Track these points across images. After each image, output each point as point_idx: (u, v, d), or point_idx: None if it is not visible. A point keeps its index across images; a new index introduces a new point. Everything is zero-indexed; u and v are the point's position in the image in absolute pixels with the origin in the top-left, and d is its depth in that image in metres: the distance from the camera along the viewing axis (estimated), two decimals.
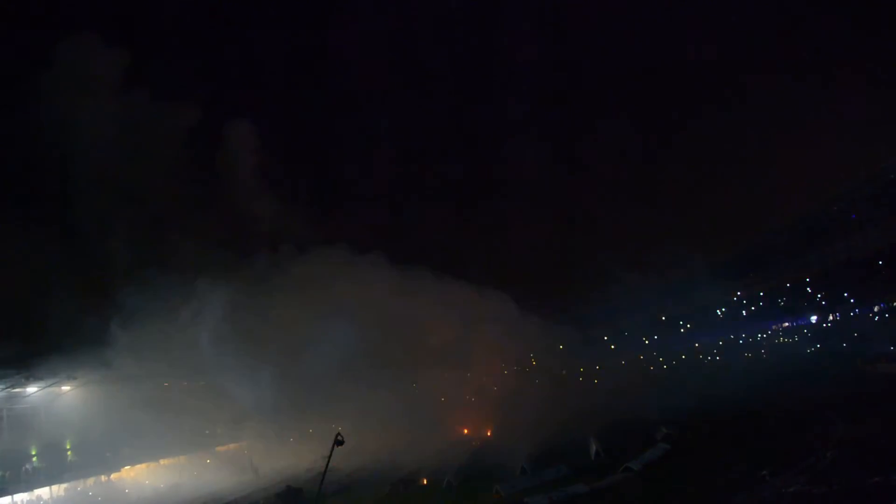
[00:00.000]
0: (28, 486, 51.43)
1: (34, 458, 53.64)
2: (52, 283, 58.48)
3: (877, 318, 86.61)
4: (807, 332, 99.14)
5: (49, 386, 52.89)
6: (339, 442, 28.00)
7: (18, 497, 50.79)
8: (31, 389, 52.59)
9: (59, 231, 63.97)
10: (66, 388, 54.75)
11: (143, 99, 66.17)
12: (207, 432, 63.69)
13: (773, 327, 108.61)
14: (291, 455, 61.57)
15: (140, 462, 61.34)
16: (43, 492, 52.71)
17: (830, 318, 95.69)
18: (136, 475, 61.45)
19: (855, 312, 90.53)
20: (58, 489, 54.07)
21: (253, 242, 64.31)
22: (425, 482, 46.79)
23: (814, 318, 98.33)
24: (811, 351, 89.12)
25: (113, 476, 58.89)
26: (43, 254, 59.45)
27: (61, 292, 55.68)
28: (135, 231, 64.75)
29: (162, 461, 63.53)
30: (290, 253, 60.22)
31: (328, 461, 28.99)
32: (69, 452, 56.61)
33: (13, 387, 51.30)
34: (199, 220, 68.21)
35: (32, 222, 62.90)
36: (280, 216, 69.99)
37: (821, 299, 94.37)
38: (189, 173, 72.57)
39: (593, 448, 45.97)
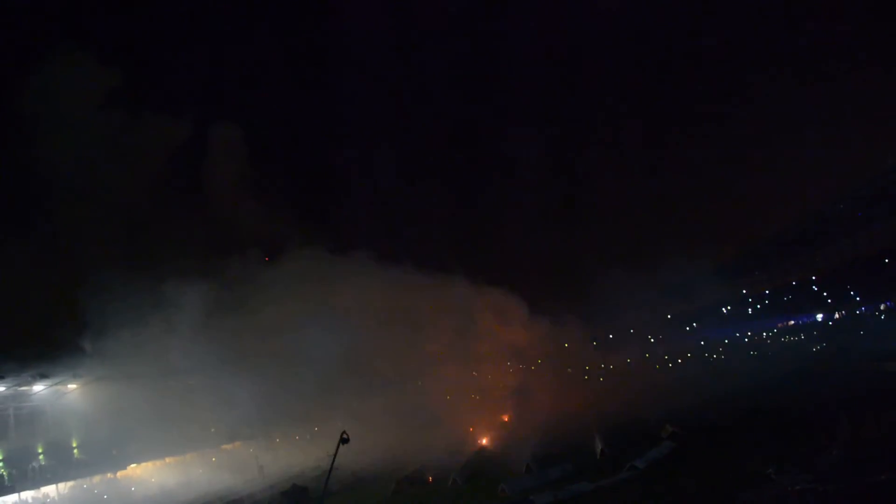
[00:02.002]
0: (35, 484, 51.82)
1: (41, 456, 54.02)
2: (53, 283, 58.85)
3: (883, 317, 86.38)
4: (813, 331, 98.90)
5: (55, 384, 53.11)
6: (344, 440, 28.07)
7: (25, 495, 51.10)
8: (38, 388, 52.83)
9: (59, 232, 64.43)
10: (72, 386, 55.00)
11: (123, 105, 66.46)
12: (213, 430, 63.93)
13: (779, 325, 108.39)
14: (297, 453, 61.76)
15: (146, 460, 61.69)
16: (50, 489, 53.05)
17: (836, 316, 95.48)
18: (142, 473, 61.72)
19: (861, 310, 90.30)
20: (64, 487, 54.39)
21: (245, 245, 64.18)
22: (431, 480, 46.87)
23: (820, 317, 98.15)
24: (817, 349, 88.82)
25: (119, 474, 59.19)
26: (42, 255, 59.85)
27: (61, 293, 56.03)
28: (133, 233, 65.25)
29: (168, 459, 63.78)
30: (290, 255, 60.08)
31: (333, 459, 29.06)
32: (75, 450, 56.94)
33: (20, 385, 51.52)
34: (195, 224, 68.60)
35: (29, 223, 63.54)
36: (277, 219, 70.25)
37: (826, 297, 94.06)
38: (185, 176, 73.13)
39: (598, 447, 45.88)
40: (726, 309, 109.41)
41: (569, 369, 78.97)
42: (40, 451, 54.29)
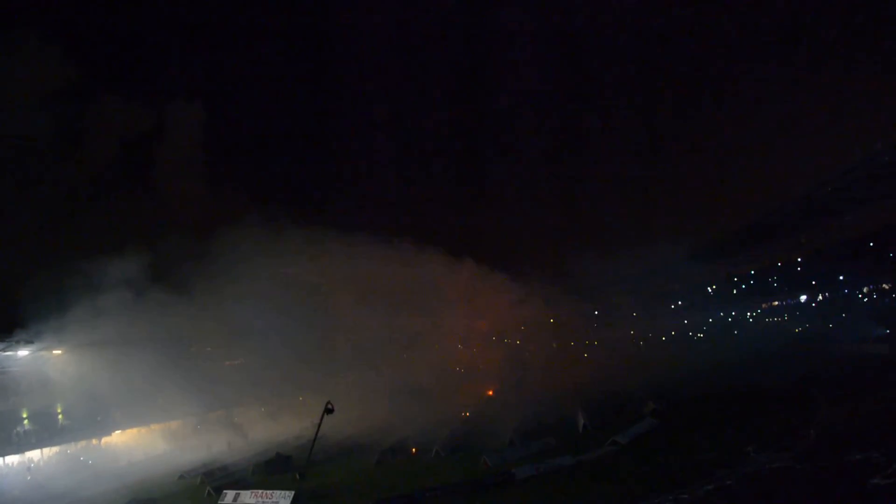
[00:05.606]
0: (19, 449, 51.68)
1: (25, 422, 53.81)
2: (38, 252, 58.49)
3: (865, 299, 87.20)
4: (796, 312, 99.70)
5: (40, 350, 52.71)
6: (329, 410, 28.22)
7: (9, 459, 51.07)
8: (23, 353, 52.39)
9: (49, 203, 63.98)
10: (56, 352, 54.59)
11: (72, 87, 65.32)
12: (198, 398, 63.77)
13: (763, 306, 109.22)
14: (282, 422, 61.93)
15: (131, 426, 61.51)
16: (34, 454, 52.95)
17: (820, 297, 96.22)
18: (127, 440, 61.65)
19: (844, 293, 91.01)
20: (49, 452, 54.34)
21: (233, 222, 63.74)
22: (414, 451, 47.21)
23: (803, 298, 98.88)
24: (799, 330, 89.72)
25: (104, 440, 59.13)
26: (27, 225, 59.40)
27: (46, 262, 55.66)
28: (126, 208, 64.91)
29: (152, 426, 63.72)
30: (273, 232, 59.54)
31: (318, 429, 29.22)
32: (60, 416, 56.77)
33: (4, 350, 51.12)
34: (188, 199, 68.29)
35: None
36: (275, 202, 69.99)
37: (810, 279, 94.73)
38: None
39: (581, 421, 46.43)
40: (711, 289, 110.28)
41: (554, 344, 79.47)
42: (25, 416, 54.12)
